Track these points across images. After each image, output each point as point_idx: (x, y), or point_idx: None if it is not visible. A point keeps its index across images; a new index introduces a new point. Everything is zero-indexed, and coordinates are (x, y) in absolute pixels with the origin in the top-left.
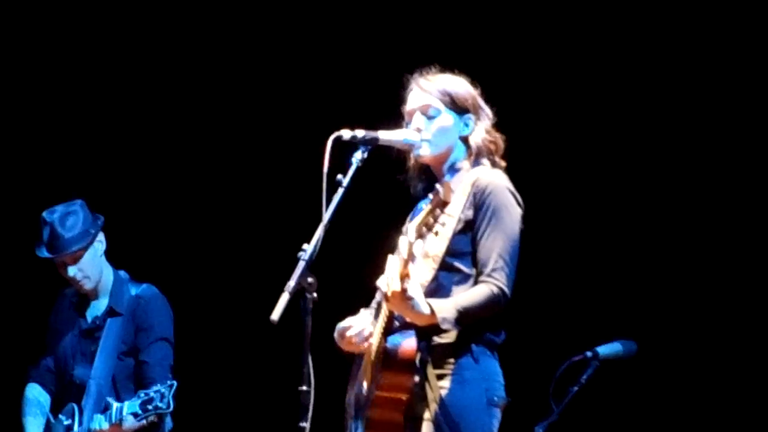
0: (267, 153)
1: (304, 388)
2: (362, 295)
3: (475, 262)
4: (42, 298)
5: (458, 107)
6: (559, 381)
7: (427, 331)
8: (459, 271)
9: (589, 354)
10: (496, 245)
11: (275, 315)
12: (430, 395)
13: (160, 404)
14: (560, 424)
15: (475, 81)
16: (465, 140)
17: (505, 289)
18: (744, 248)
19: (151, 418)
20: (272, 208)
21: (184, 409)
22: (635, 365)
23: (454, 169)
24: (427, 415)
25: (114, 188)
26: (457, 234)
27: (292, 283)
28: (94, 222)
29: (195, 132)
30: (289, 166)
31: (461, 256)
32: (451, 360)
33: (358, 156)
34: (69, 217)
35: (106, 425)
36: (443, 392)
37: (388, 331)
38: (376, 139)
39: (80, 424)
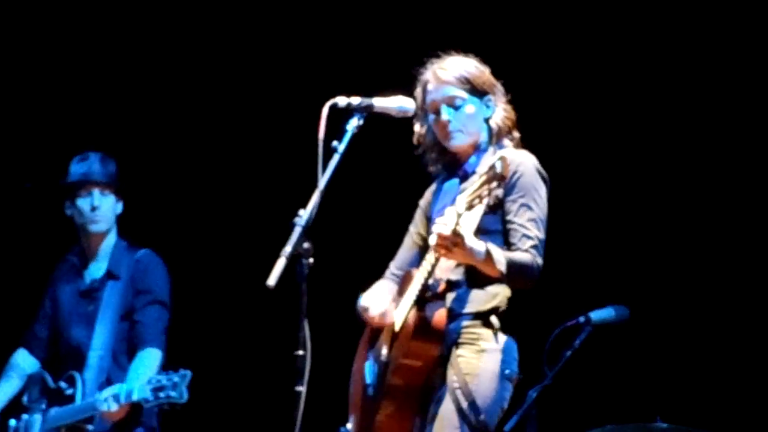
0: (263, 119)
1: (300, 352)
2: (357, 260)
3: (504, 241)
4: (41, 265)
5: (478, 91)
6: (553, 346)
7: (455, 299)
8: None
9: (582, 319)
10: (531, 224)
11: (272, 280)
12: (449, 364)
13: (172, 393)
14: (553, 388)
15: (481, 58)
16: (487, 121)
17: (540, 267)
18: (736, 214)
19: (164, 406)
20: (269, 174)
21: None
22: (627, 330)
23: (480, 150)
24: (443, 382)
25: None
26: (486, 213)
27: (288, 249)
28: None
29: (192, 99)
30: (285, 132)
31: (489, 234)
32: (471, 330)
33: (353, 123)
34: (102, 158)
35: (115, 406)
36: (461, 360)
37: (422, 300)
38: (371, 107)
39: (83, 396)
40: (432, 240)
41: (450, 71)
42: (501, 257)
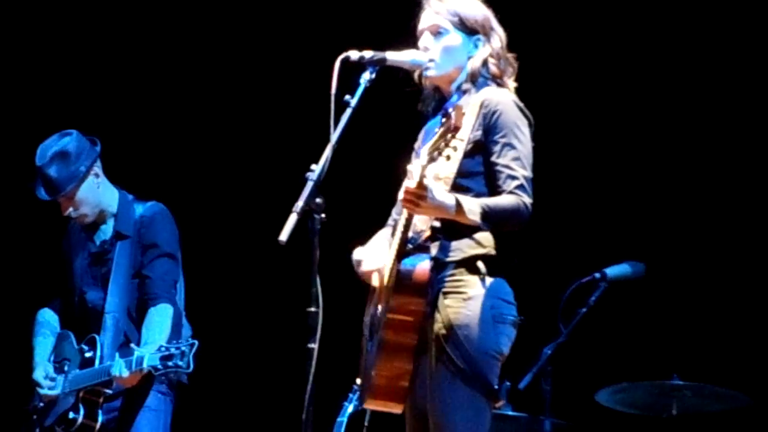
0: (276, 75)
1: (313, 309)
2: (370, 215)
3: (488, 182)
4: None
5: (468, 28)
6: (568, 302)
7: (440, 248)
8: (470, 191)
9: (597, 275)
10: (515, 163)
11: (284, 236)
12: (437, 315)
13: (180, 362)
14: (569, 345)
15: (488, 2)
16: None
17: (530, 206)
18: (754, 169)
19: (171, 374)
20: (281, 128)
21: (193, 329)
22: (643, 286)
23: (460, 91)
24: (433, 334)
25: (128, 109)
26: (467, 155)
27: (300, 204)
28: (88, 153)
29: (204, 54)
30: (297, 87)
31: (472, 176)
32: (457, 278)
33: (365, 77)
34: (58, 158)
35: (126, 372)
36: (448, 310)
37: (402, 254)
38: (383, 60)
39: (101, 359)
40: (400, 195)
41: (445, 3)
42: (475, 206)
